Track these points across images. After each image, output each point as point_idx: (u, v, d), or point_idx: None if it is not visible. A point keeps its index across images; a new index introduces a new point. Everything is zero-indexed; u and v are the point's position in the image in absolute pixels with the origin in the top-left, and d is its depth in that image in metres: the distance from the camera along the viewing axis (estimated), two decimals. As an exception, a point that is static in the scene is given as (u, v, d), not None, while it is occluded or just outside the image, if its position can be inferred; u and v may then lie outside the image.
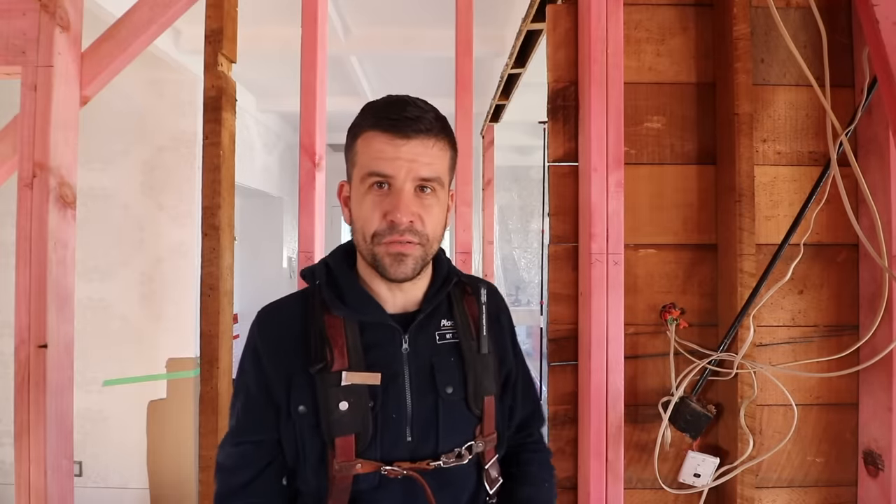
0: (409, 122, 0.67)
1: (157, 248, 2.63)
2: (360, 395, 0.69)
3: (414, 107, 0.69)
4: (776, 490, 1.18)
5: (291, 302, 0.78)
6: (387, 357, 0.72)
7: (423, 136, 0.68)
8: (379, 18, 2.39)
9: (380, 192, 0.68)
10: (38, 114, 1.03)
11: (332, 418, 0.68)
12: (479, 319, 0.77)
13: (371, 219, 0.69)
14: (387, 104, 0.70)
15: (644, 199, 1.20)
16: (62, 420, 1.03)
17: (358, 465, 0.69)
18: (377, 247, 0.69)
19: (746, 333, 1.10)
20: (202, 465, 1.18)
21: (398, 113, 0.68)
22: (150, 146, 2.63)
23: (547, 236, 1.24)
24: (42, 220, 1.02)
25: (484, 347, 0.76)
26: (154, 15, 1.11)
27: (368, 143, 0.69)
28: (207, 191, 1.20)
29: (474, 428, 0.75)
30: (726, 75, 1.15)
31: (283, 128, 4.16)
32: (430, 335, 0.75)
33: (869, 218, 1.10)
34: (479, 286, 0.80)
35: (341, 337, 0.71)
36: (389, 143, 0.67)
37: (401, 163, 0.67)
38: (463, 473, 0.74)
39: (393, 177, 0.68)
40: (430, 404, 0.72)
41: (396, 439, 0.71)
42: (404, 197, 0.68)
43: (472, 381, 0.74)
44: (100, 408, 2.62)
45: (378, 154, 0.68)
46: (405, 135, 0.67)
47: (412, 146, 0.68)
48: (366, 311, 0.73)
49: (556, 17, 1.21)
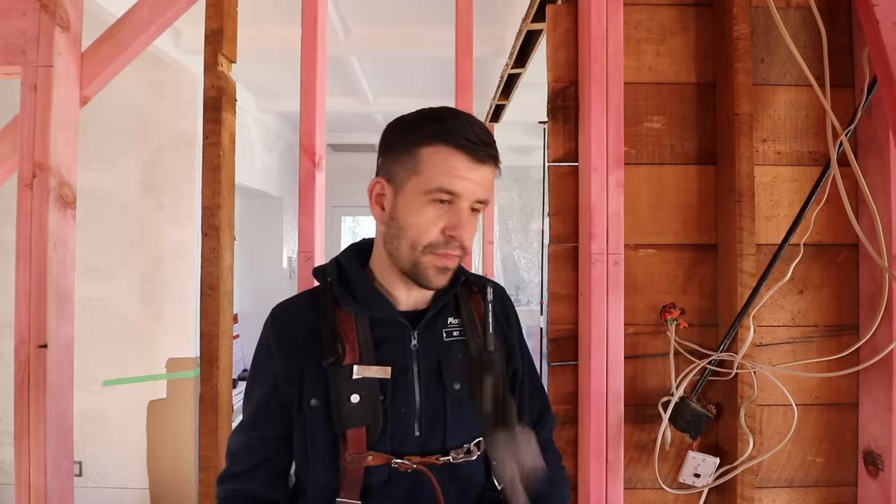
0: (485, 148, 0.70)
1: (157, 248, 2.63)
2: (370, 388, 0.72)
3: (484, 131, 0.72)
4: (776, 490, 1.18)
5: (304, 299, 0.81)
6: (396, 352, 0.75)
7: (490, 164, 0.72)
8: (379, 18, 2.39)
9: (442, 207, 0.71)
10: (38, 114, 1.03)
11: (344, 410, 0.71)
12: (485, 317, 0.78)
13: (429, 230, 0.71)
14: (462, 122, 0.72)
15: (644, 199, 1.20)
16: (62, 420, 1.03)
17: (369, 457, 0.71)
18: (426, 256, 0.72)
19: (746, 333, 1.10)
20: (202, 465, 1.18)
21: (475, 136, 0.70)
22: (150, 146, 2.63)
23: (547, 236, 1.24)
24: (42, 220, 1.02)
25: (490, 345, 0.77)
26: (154, 15, 1.11)
27: (443, 159, 0.70)
28: (207, 191, 1.19)
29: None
30: (726, 75, 1.15)
31: (283, 128, 4.16)
32: (438, 332, 0.78)
33: (869, 218, 1.10)
34: (486, 285, 0.81)
35: (352, 332, 0.74)
36: (465, 164, 0.70)
37: (470, 185, 0.70)
38: (472, 469, 0.76)
39: (460, 196, 0.70)
40: (438, 400, 0.75)
41: (405, 433, 0.73)
42: (465, 216, 0.71)
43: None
44: (100, 408, 2.62)
45: (453, 172, 0.70)
46: (481, 160, 0.70)
47: (483, 172, 0.71)
48: (376, 308, 0.76)
49: (556, 17, 1.21)
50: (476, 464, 0.76)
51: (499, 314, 0.84)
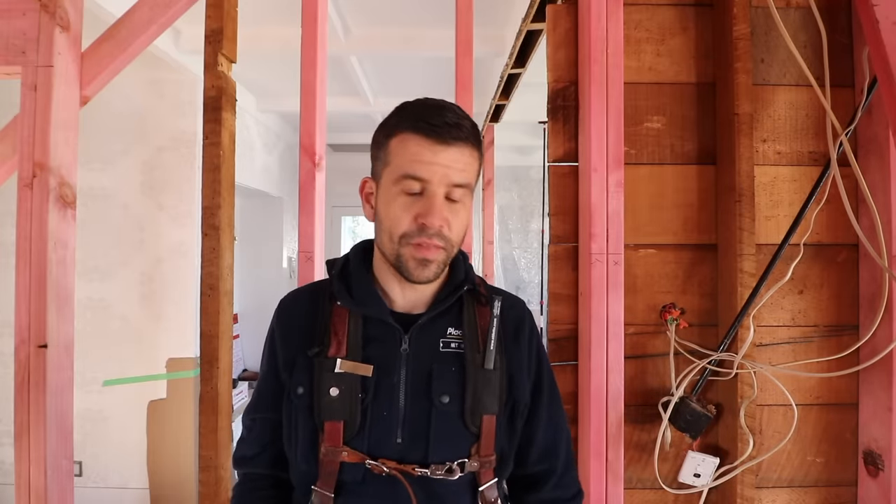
0: (449, 129, 0.68)
1: (157, 248, 2.63)
2: (351, 384, 0.71)
3: (452, 113, 0.70)
4: (776, 490, 1.18)
5: (308, 290, 0.82)
6: (384, 353, 0.73)
7: (460, 144, 0.69)
8: (379, 18, 2.39)
9: (412, 195, 0.69)
10: (38, 114, 1.03)
11: (324, 402, 0.71)
12: (487, 332, 0.75)
13: (401, 220, 0.69)
14: (426, 107, 0.71)
15: (644, 199, 1.20)
16: (62, 420, 1.03)
17: (344, 452, 0.70)
18: (403, 248, 0.70)
19: (746, 333, 1.10)
20: (202, 465, 1.18)
21: (438, 118, 0.69)
22: (150, 146, 2.63)
23: (547, 236, 1.24)
24: (42, 220, 1.02)
25: (489, 363, 0.73)
26: (154, 15, 1.11)
27: (405, 145, 0.69)
28: (207, 191, 1.19)
29: (470, 445, 0.72)
30: (726, 75, 1.15)
31: (283, 128, 4.16)
32: (434, 340, 0.75)
33: (869, 218, 1.10)
34: (495, 298, 0.77)
35: (343, 326, 0.74)
36: (428, 147, 0.68)
37: (437, 168, 0.68)
38: (453, 491, 0.72)
39: (428, 181, 0.68)
40: (424, 410, 0.71)
41: (385, 437, 0.71)
42: (437, 202, 0.69)
43: (471, 396, 0.72)
44: (100, 408, 2.62)
45: (415, 157, 0.68)
46: (444, 141, 0.68)
47: (450, 153, 0.68)
48: (369, 306, 0.75)
49: (556, 17, 1.21)
50: (458, 486, 0.72)
51: (508, 330, 0.78)
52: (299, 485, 0.75)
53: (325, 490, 0.70)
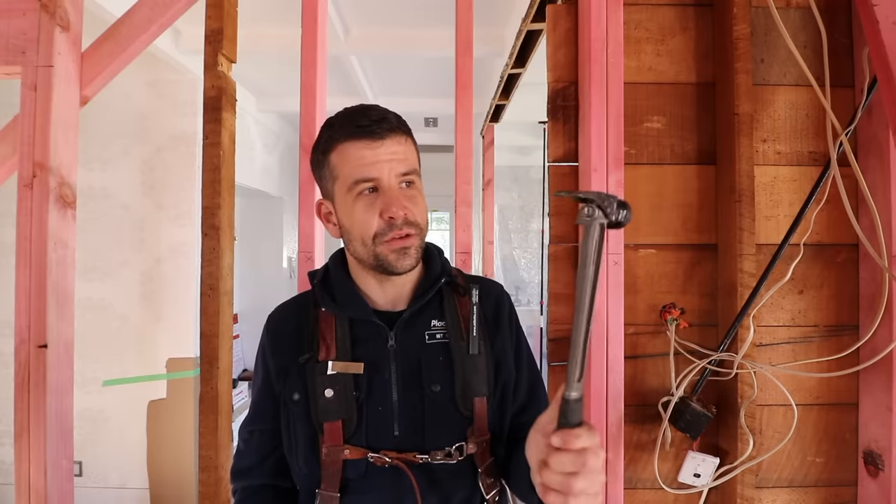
0: (378, 124, 0.71)
1: (157, 248, 2.63)
2: (344, 384, 0.74)
3: (375, 111, 0.74)
4: (776, 490, 1.18)
5: (294, 302, 0.85)
6: (373, 351, 0.76)
7: (394, 135, 0.72)
8: (379, 18, 2.39)
9: (369, 196, 0.72)
10: (38, 114, 1.03)
11: (320, 404, 0.73)
12: (469, 320, 0.78)
13: (369, 222, 0.72)
14: (351, 113, 0.75)
15: (644, 199, 1.20)
16: (62, 420, 1.03)
17: (346, 450, 0.72)
18: (379, 246, 0.72)
19: (746, 333, 1.10)
20: (202, 465, 1.18)
21: (364, 119, 0.72)
22: (150, 146, 2.63)
23: (547, 236, 1.24)
24: (42, 220, 1.02)
25: (474, 348, 0.76)
26: (154, 15, 1.11)
27: (346, 154, 0.72)
28: (207, 191, 1.19)
29: (465, 429, 0.75)
30: (726, 75, 1.15)
31: (283, 128, 4.16)
32: (420, 333, 0.78)
33: (869, 218, 1.10)
34: (472, 286, 0.80)
35: (331, 331, 0.76)
36: (367, 147, 0.71)
37: (382, 164, 0.71)
38: (454, 475, 0.74)
39: (378, 178, 0.71)
40: (416, 401, 0.75)
41: (383, 431, 0.74)
42: (394, 194, 0.72)
43: (460, 382, 0.75)
44: (100, 408, 2.62)
45: (360, 161, 0.71)
46: (379, 136, 0.71)
47: (388, 146, 0.72)
48: (352, 308, 0.77)
49: (556, 17, 1.21)
50: (458, 470, 0.74)
51: (488, 316, 0.81)
52: (303, 489, 0.76)
53: (330, 491, 0.72)
